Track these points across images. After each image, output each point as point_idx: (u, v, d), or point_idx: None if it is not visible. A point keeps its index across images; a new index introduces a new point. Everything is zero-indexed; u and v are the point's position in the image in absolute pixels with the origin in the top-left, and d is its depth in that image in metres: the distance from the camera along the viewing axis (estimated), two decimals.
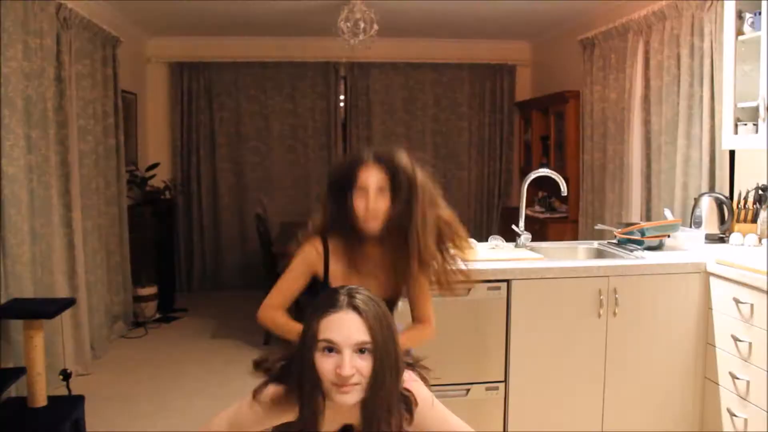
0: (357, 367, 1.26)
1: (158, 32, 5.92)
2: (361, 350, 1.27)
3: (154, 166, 5.63)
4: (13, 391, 3.07)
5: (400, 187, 1.71)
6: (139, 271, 5.08)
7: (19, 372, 2.88)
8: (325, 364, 1.27)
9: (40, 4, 3.51)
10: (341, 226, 1.78)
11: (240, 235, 6.34)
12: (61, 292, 3.68)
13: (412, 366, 1.44)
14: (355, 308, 1.29)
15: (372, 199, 1.71)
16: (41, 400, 2.79)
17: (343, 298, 1.30)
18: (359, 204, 1.72)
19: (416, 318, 1.92)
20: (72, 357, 3.79)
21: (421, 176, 1.76)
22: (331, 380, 1.27)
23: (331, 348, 1.27)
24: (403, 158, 1.74)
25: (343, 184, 1.75)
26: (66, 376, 3.08)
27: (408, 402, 1.38)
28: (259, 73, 6.22)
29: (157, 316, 5.23)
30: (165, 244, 5.58)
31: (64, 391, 3.13)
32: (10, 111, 3.24)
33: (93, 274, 4.22)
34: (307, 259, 1.81)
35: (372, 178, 1.72)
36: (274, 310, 1.83)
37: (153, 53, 6.13)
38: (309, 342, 1.29)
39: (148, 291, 5.12)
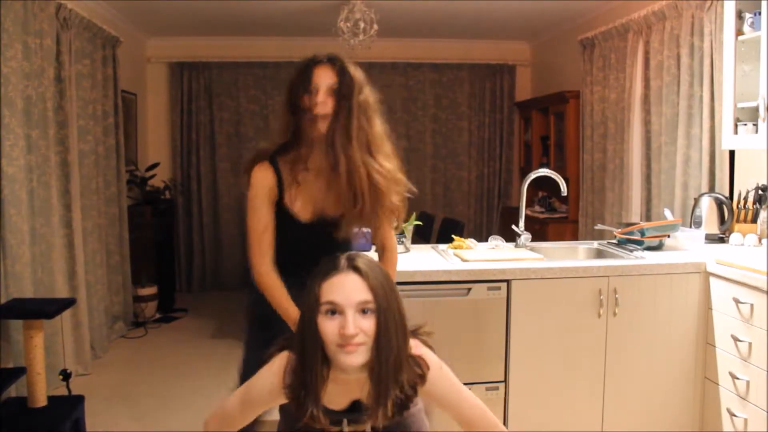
0: (361, 327, 1.26)
1: (158, 32, 5.92)
2: (363, 310, 1.27)
3: (154, 166, 5.63)
4: (13, 391, 3.07)
5: (346, 93, 1.69)
6: (139, 271, 5.08)
7: (19, 372, 2.88)
8: (329, 326, 1.26)
9: (40, 4, 3.51)
10: (292, 138, 1.72)
11: (240, 235, 6.33)
12: (61, 292, 3.68)
13: (415, 333, 1.43)
14: (356, 269, 1.29)
15: (321, 94, 1.68)
16: (41, 400, 2.79)
17: (343, 262, 1.31)
18: (311, 103, 1.69)
19: (377, 245, 1.94)
20: (72, 357, 3.79)
21: (369, 104, 1.74)
22: (335, 342, 1.26)
23: (334, 310, 1.26)
24: (357, 72, 1.74)
25: (298, 88, 1.71)
26: (66, 376, 3.08)
27: (419, 365, 1.37)
28: (259, 73, 6.23)
29: (157, 316, 5.23)
30: (165, 244, 5.58)
31: (64, 391, 3.13)
32: (10, 111, 3.24)
33: (93, 274, 4.22)
34: (263, 188, 1.74)
35: (323, 77, 1.70)
36: (270, 268, 1.76)
37: (153, 53, 6.13)
38: (312, 306, 1.29)
39: (148, 291, 5.12)
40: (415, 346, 1.40)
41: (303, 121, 1.69)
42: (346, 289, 1.27)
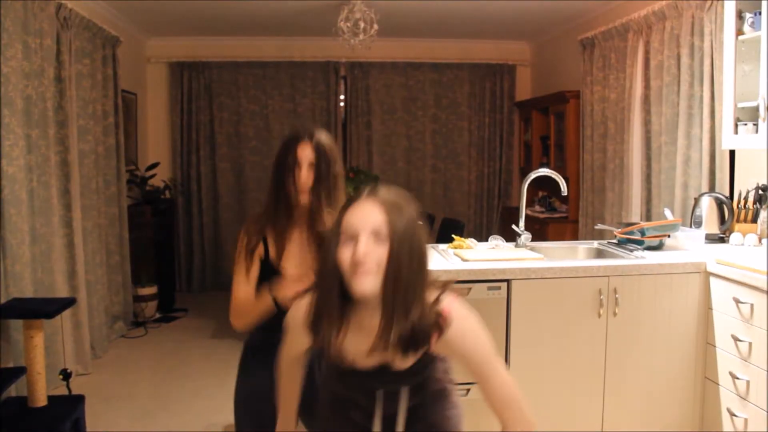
0: (373, 252, 1.26)
1: (158, 32, 5.92)
2: (378, 238, 1.27)
3: (154, 165, 5.63)
4: (13, 390, 3.07)
5: (323, 167, 1.84)
6: (139, 271, 5.08)
7: (19, 372, 2.88)
8: (345, 253, 1.27)
9: (40, 4, 3.51)
10: (278, 206, 1.86)
11: None
12: (61, 291, 3.68)
13: (446, 287, 1.40)
14: (375, 196, 1.31)
15: (304, 172, 1.82)
16: (41, 400, 2.79)
17: (366, 191, 1.33)
18: (293, 178, 1.83)
19: None
20: (72, 357, 3.79)
21: (340, 172, 1.90)
22: (348, 269, 1.26)
23: (351, 236, 1.27)
24: (329, 142, 1.88)
25: (282, 162, 1.85)
26: (66, 375, 3.08)
27: (440, 316, 1.34)
28: (259, 73, 6.22)
29: (157, 315, 5.23)
30: (165, 244, 5.58)
31: (64, 391, 3.13)
32: (9, 111, 3.24)
33: (93, 274, 4.22)
34: (247, 245, 1.88)
35: (304, 153, 1.83)
36: (250, 292, 1.85)
37: (153, 53, 6.13)
38: (332, 236, 1.31)
39: (148, 291, 5.12)
40: (449, 300, 1.37)
41: (288, 192, 1.84)
42: (361, 214, 1.28)
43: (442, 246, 3.04)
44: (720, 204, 3.21)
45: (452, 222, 5.12)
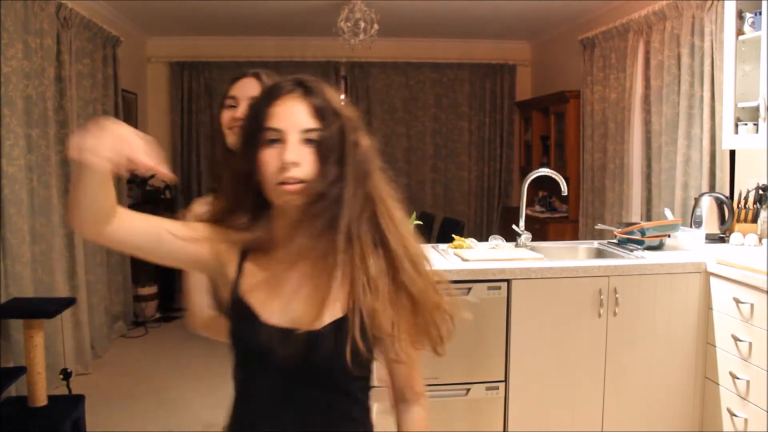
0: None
1: (158, 32, 5.92)
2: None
3: None
4: (13, 390, 3.07)
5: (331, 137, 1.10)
6: (139, 271, 5.08)
7: (20, 371, 2.88)
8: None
9: (40, 3, 3.51)
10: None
11: None
12: (61, 291, 3.68)
13: None
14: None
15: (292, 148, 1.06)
16: (41, 400, 2.79)
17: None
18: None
19: (395, 389, 1.17)
20: (72, 356, 3.79)
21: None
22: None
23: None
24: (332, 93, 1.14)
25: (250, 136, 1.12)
26: (66, 375, 3.08)
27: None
28: None
29: (158, 315, 5.23)
30: None
31: (64, 391, 3.14)
32: (10, 110, 3.24)
33: (93, 274, 4.22)
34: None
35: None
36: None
37: (153, 53, 6.13)
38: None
39: (149, 290, 5.12)
40: None
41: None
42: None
43: (442, 246, 3.04)
44: (720, 204, 3.21)
45: (452, 222, 5.12)
